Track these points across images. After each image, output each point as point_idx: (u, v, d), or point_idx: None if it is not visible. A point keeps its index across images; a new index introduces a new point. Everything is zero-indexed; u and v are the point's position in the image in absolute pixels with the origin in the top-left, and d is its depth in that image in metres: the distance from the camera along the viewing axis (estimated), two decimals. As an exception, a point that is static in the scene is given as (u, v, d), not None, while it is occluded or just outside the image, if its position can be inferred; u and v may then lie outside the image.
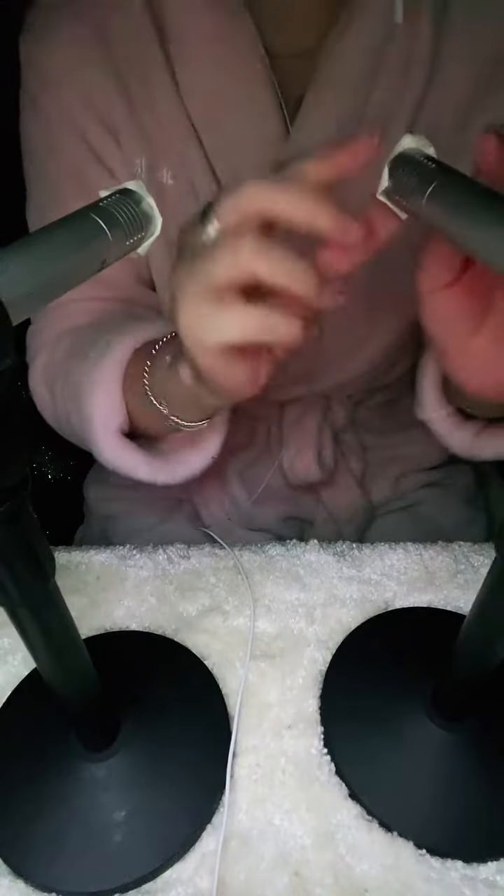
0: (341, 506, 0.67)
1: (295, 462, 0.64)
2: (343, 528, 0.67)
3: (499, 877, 0.37)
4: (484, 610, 0.34)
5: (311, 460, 0.63)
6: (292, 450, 0.64)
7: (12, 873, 0.38)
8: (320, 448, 0.64)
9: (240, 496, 0.66)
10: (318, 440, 0.63)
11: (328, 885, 0.36)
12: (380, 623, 0.48)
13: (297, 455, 0.64)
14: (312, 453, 0.63)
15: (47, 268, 0.24)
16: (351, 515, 0.67)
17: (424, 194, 0.25)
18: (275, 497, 0.66)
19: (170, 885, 0.37)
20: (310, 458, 0.63)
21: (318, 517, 0.67)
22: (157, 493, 0.64)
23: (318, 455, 0.64)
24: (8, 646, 0.48)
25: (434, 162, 0.27)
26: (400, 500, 0.69)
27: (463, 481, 0.71)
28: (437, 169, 0.26)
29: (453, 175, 0.25)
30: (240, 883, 0.37)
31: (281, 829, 0.38)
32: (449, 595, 0.49)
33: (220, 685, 0.44)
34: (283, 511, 0.67)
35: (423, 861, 0.37)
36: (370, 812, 0.39)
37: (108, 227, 0.26)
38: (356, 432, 0.66)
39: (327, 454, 0.64)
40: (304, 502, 0.67)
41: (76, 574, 0.52)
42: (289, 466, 0.64)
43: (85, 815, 0.38)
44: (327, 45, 0.45)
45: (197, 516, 0.68)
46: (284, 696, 0.44)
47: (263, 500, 0.66)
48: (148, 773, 0.40)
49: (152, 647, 0.47)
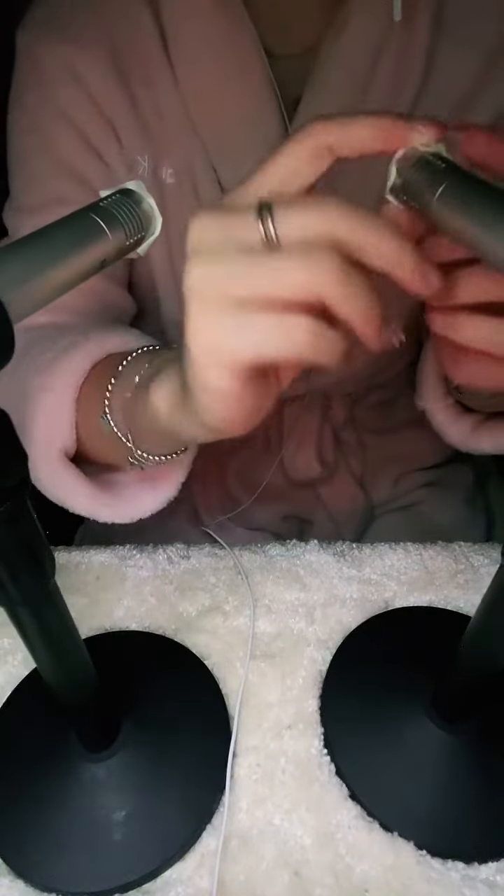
0: (341, 505, 0.67)
1: (296, 459, 0.64)
2: (342, 528, 0.67)
3: (499, 877, 0.37)
4: (488, 615, 0.34)
5: (311, 457, 0.63)
6: (293, 447, 0.64)
7: (12, 873, 0.37)
8: (321, 445, 0.64)
9: (240, 496, 0.66)
10: (319, 437, 0.63)
11: (328, 885, 0.36)
12: (380, 623, 0.48)
13: (297, 452, 0.64)
14: (313, 450, 0.63)
15: (47, 268, 0.24)
16: (350, 514, 0.67)
17: (435, 194, 0.25)
18: (274, 496, 0.66)
19: (170, 885, 0.37)
20: (310, 455, 0.63)
21: (318, 516, 0.67)
22: None
23: (318, 452, 0.64)
24: (8, 646, 0.48)
25: (444, 161, 0.26)
26: (399, 499, 0.69)
27: (462, 481, 0.71)
28: (447, 168, 0.26)
29: (464, 175, 0.25)
30: (240, 883, 0.37)
31: (281, 829, 0.38)
32: (449, 595, 0.49)
33: (220, 685, 0.44)
34: (282, 510, 0.67)
35: (423, 861, 0.37)
36: (370, 812, 0.39)
37: (108, 227, 0.26)
38: (355, 431, 0.66)
39: (328, 451, 0.64)
40: (303, 501, 0.67)
41: (76, 574, 0.52)
42: (289, 463, 0.64)
43: (85, 815, 0.38)
44: (325, 44, 0.46)
45: (197, 516, 0.68)
46: (284, 696, 0.44)
47: (263, 500, 0.66)
48: (148, 773, 0.40)
49: (152, 647, 0.47)
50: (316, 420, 0.63)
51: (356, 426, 0.66)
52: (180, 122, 0.48)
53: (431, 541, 0.54)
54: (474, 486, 0.72)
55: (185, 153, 0.49)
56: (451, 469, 0.71)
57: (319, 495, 0.67)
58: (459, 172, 0.25)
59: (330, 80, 0.46)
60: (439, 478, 0.70)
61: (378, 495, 0.68)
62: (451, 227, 0.25)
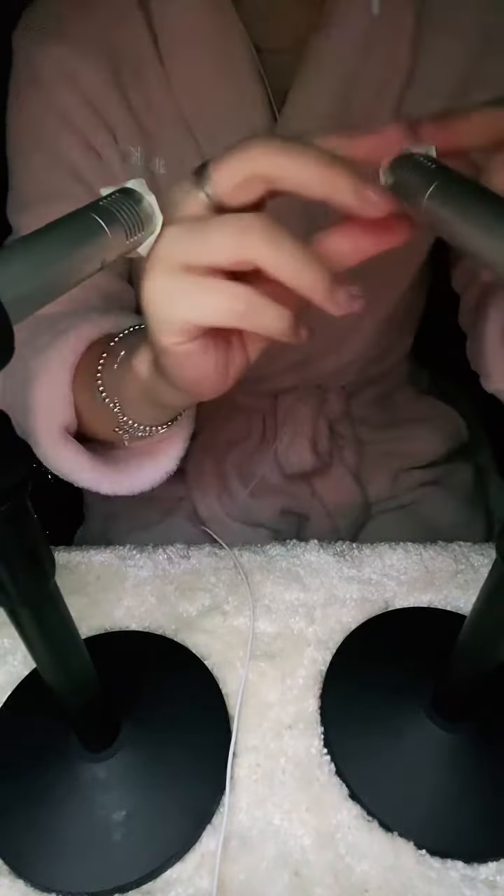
0: (336, 500, 0.67)
1: (289, 451, 0.64)
2: (339, 524, 0.67)
3: (499, 877, 0.37)
4: (484, 611, 0.34)
5: (305, 449, 0.64)
6: (287, 438, 0.64)
7: (12, 873, 0.37)
8: (315, 437, 0.64)
9: (236, 489, 0.66)
10: (314, 429, 0.64)
11: (328, 885, 0.36)
12: (380, 623, 0.48)
13: (291, 443, 0.64)
14: (307, 442, 0.63)
15: (47, 267, 0.24)
16: (346, 510, 0.67)
17: (425, 194, 0.25)
18: (271, 490, 0.66)
19: (170, 885, 0.37)
20: (304, 447, 0.64)
21: (314, 511, 0.67)
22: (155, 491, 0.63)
23: (312, 444, 0.64)
24: (8, 646, 0.48)
25: (434, 162, 0.27)
26: (398, 498, 0.69)
27: (462, 480, 0.71)
28: (437, 168, 0.26)
29: (454, 175, 0.25)
30: (240, 883, 0.37)
31: (281, 829, 0.38)
32: (449, 595, 0.49)
33: (220, 685, 0.44)
34: (279, 504, 0.67)
35: (423, 861, 0.37)
36: (370, 812, 0.39)
37: (109, 226, 0.26)
38: (352, 425, 0.66)
39: (323, 444, 0.64)
40: (299, 495, 0.67)
41: (76, 574, 0.52)
42: (283, 455, 0.64)
43: (85, 815, 0.38)
44: (312, 39, 0.47)
45: (196, 514, 0.68)
46: (284, 696, 0.44)
47: (260, 494, 0.66)
48: (148, 774, 0.40)
49: (152, 647, 0.47)
50: (311, 412, 0.63)
51: (353, 420, 0.66)
52: (172, 117, 0.49)
53: (431, 541, 0.54)
54: (473, 485, 0.72)
55: (177, 146, 0.50)
56: (450, 468, 0.71)
57: (315, 490, 0.67)
58: (449, 173, 0.26)
59: (318, 73, 0.47)
60: (439, 477, 0.70)
61: (375, 492, 0.68)
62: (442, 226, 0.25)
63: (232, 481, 0.66)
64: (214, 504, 0.67)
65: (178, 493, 0.68)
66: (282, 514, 0.67)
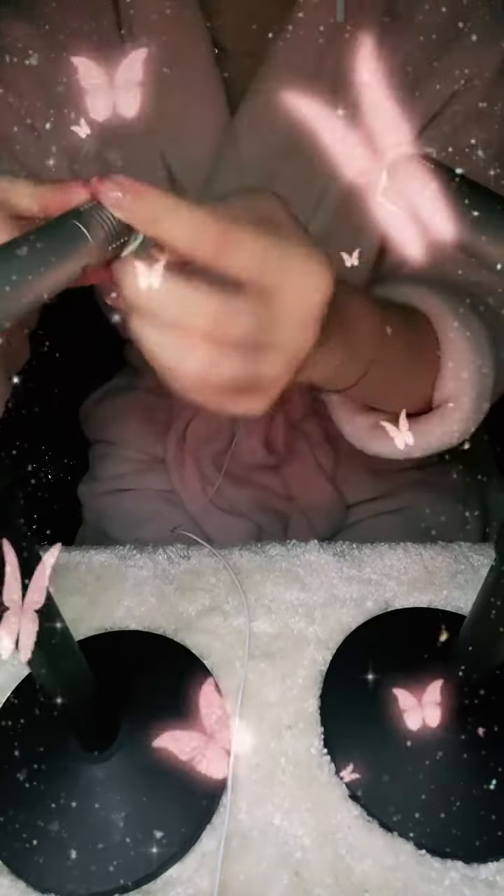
0: (311, 499, 0.67)
1: (242, 444, 0.65)
2: (315, 523, 0.67)
3: (499, 877, 0.37)
4: (483, 611, 0.34)
5: (257, 444, 0.65)
6: (240, 433, 0.65)
7: (12, 873, 0.38)
8: (271, 435, 0.65)
9: (214, 476, 0.67)
10: (268, 426, 0.64)
11: (328, 885, 0.36)
12: (380, 623, 0.48)
13: (244, 438, 0.65)
14: (258, 438, 0.64)
15: (28, 273, 0.23)
16: (323, 510, 0.67)
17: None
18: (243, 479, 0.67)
19: (170, 885, 0.37)
20: (256, 442, 0.65)
21: (292, 510, 0.67)
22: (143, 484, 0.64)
23: (265, 441, 0.65)
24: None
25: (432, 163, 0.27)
26: (385, 500, 0.68)
27: (453, 482, 0.70)
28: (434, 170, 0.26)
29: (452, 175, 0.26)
30: (240, 883, 0.37)
31: (281, 829, 0.38)
32: (449, 595, 0.49)
33: (220, 685, 0.44)
34: (254, 495, 0.67)
35: (423, 861, 0.37)
36: (370, 812, 0.39)
37: (90, 233, 0.26)
38: (321, 424, 0.66)
39: (277, 441, 0.65)
40: (273, 489, 0.67)
41: (76, 574, 0.52)
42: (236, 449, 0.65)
43: (85, 815, 0.38)
44: (272, 42, 0.48)
45: (184, 506, 0.69)
46: (284, 696, 0.44)
47: (235, 482, 0.67)
48: (147, 774, 0.40)
49: (152, 647, 0.47)
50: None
51: (321, 419, 0.66)
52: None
53: (431, 541, 0.54)
54: (465, 486, 0.71)
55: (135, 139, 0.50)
56: (440, 469, 0.69)
57: (288, 486, 0.67)
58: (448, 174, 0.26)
59: (275, 76, 0.48)
60: (427, 479, 0.69)
61: (353, 493, 0.68)
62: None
63: (209, 469, 0.67)
64: (199, 494, 0.67)
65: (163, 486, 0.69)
66: (262, 509, 0.67)
